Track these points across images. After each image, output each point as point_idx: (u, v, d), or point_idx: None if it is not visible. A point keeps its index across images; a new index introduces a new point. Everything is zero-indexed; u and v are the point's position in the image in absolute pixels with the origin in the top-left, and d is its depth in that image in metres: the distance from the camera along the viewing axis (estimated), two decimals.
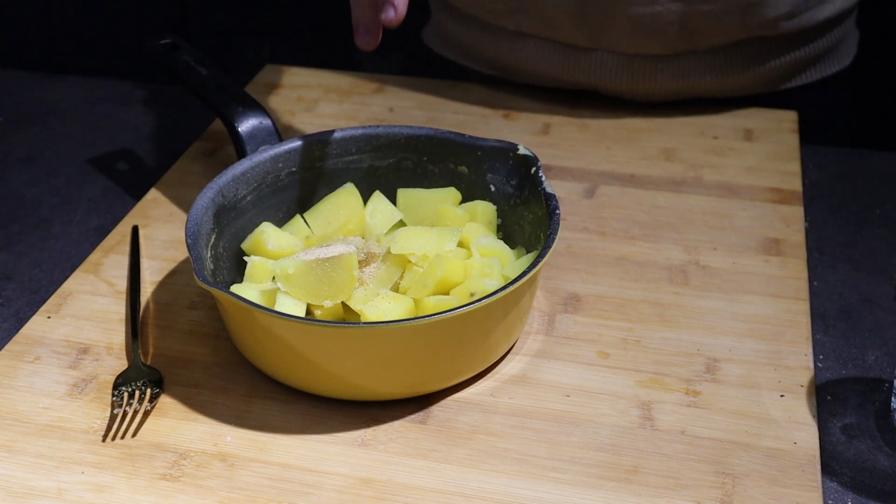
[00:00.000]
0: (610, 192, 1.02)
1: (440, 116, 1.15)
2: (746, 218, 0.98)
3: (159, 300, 0.89)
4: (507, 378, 0.80)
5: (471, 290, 0.79)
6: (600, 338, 0.84)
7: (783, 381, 0.80)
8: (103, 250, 0.94)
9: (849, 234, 0.99)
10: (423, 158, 0.91)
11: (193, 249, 0.78)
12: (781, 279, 0.90)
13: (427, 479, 0.72)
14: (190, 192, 1.02)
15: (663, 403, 0.78)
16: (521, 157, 0.87)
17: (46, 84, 1.29)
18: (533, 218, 0.85)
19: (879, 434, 0.77)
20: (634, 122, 1.13)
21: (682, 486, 0.71)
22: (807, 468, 0.73)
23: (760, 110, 1.15)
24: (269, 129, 0.91)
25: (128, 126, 1.20)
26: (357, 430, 0.76)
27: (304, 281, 0.78)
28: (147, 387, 0.79)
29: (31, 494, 0.71)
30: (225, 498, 0.71)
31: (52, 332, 0.85)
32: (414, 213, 0.90)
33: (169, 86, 1.26)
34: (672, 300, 0.88)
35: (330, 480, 0.72)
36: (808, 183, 1.06)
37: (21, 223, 1.03)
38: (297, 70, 1.25)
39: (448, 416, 0.77)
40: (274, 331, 0.75)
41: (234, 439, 0.75)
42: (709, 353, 0.83)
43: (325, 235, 0.88)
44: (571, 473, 0.73)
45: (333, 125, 1.14)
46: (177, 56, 0.98)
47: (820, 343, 0.86)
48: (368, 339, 0.74)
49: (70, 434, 0.76)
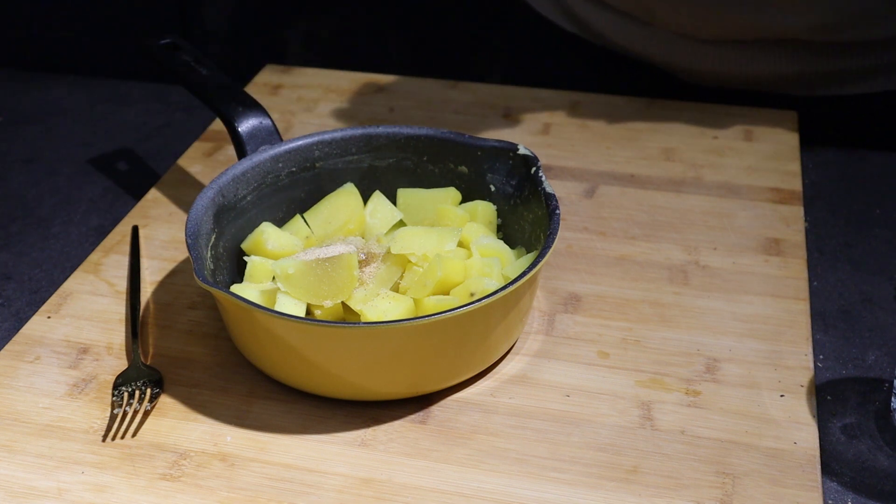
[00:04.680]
0: (610, 192, 1.02)
1: (440, 116, 1.15)
2: (746, 218, 0.98)
3: (159, 300, 0.89)
4: (507, 378, 0.80)
5: (471, 290, 0.79)
6: (600, 338, 0.84)
7: (783, 381, 0.80)
8: (103, 250, 0.94)
9: (849, 234, 0.99)
10: (423, 158, 0.91)
11: (193, 249, 0.78)
12: (781, 279, 0.90)
13: (427, 479, 0.72)
14: (190, 192, 1.02)
15: (663, 403, 0.78)
16: (521, 157, 0.87)
17: (46, 84, 1.29)
18: (533, 218, 0.85)
19: (879, 434, 0.77)
20: (634, 122, 1.13)
21: (682, 486, 0.71)
22: (807, 468, 0.73)
23: (760, 110, 1.15)
24: (269, 129, 0.91)
25: (128, 126, 1.20)
26: (357, 430, 0.76)
27: (304, 281, 0.78)
28: (147, 387, 0.79)
29: (31, 494, 0.71)
30: (225, 498, 0.71)
31: (52, 332, 0.85)
32: (414, 213, 0.90)
33: (169, 86, 1.26)
34: (672, 300, 0.88)
35: (330, 480, 0.72)
36: (808, 183, 1.05)
37: (21, 223, 1.03)
38: (297, 70, 1.25)
39: (448, 416, 0.77)
40: (274, 331, 0.75)
41: (234, 439, 0.75)
42: (709, 353, 0.83)
43: (325, 235, 0.88)
44: (571, 473, 0.73)
45: (333, 125, 1.14)
46: (177, 56, 0.98)
47: (820, 343, 0.86)
48: (368, 339, 0.74)
49: (70, 434, 0.76)
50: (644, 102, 1.16)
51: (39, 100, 1.25)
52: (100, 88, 1.27)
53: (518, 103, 1.17)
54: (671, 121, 1.13)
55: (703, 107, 1.15)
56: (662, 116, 1.14)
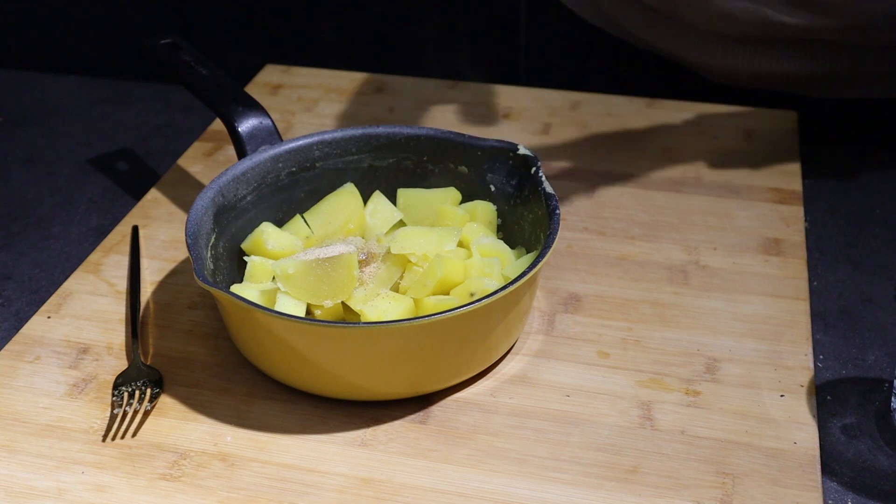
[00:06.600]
0: (610, 192, 1.02)
1: (440, 116, 1.15)
2: (746, 218, 0.98)
3: (159, 300, 0.89)
4: (507, 378, 0.80)
5: (471, 290, 0.79)
6: (600, 338, 0.84)
7: (783, 381, 0.80)
8: (103, 250, 0.94)
9: (849, 234, 0.99)
10: (423, 158, 0.91)
11: (193, 249, 0.78)
12: (781, 279, 0.90)
13: (427, 479, 0.72)
14: (190, 192, 1.03)
15: (663, 403, 0.78)
16: (521, 157, 0.87)
17: (46, 84, 1.29)
18: (533, 218, 0.85)
19: (879, 434, 0.77)
20: (634, 122, 1.13)
21: (682, 486, 0.71)
22: (807, 468, 0.73)
23: (760, 110, 1.15)
24: (269, 129, 0.91)
25: (128, 126, 1.20)
26: (357, 430, 0.76)
27: (304, 281, 0.78)
28: (147, 387, 0.79)
29: (31, 494, 0.71)
30: (225, 498, 0.71)
31: (52, 332, 0.85)
32: (414, 213, 0.90)
33: (169, 86, 1.26)
34: (672, 300, 0.88)
35: (330, 480, 0.72)
36: (808, 183, 1.05)
37: (21, 223, 1.03)
38: (297, 70, 1.25)
39: (448, 416, 0.77)
40: (274, 331, 0.75)
41: (234, 439, 0.75)
42: (709, 353, 0.83)
43: (325, 235, 0.88)
44: (571, 473, 0.73)
45: (333, 125, 1.14)
46: (177, 56, 0.98)
47: (820, 343, 0.86)
48: (368, 339, 0.74)
49: (70, 434, 0.76)
50: (644, 102, 1.16)
51: (39, 100, 1.25)
52: (100, 88, 1.27)
53: (518, 103, 1.17)
54: (671, 121, 1.13)
55: (703, 107, 1.15)
56: (662, 116, 1.14)
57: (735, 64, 1.12)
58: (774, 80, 1.12)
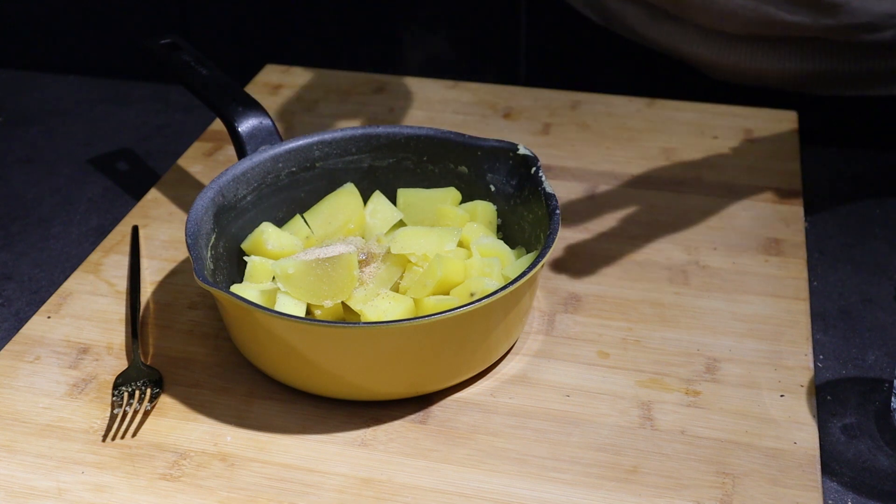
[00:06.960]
0: (610, 192, 1.02)
1: (440, 116, 1.15)
2: (746, 218, 0.98)
3: (159, 300, 0.89)
4: (507, 378, 0.80)
5: (471, 290, 0.79)
6: (600, 338, 0.84)
7: (783, 381, 0.80)
8: (103, 250, 0.94)
9: (849, 234, 0.99)
10: (423, 158, 0.91)
11: (193, 249, 0.78)
12: (781, 279, 0.90)
13: (427, 479, 0.72)
14: (190, 192, 1.03)
15: (663, 403, 0.78)
16: (521, 157, 0.87)
17: (46, 84, 1.29)
18: (533, 218, 0.85)
19: (879, 434, 0.77)
20: (634, 122, 1.13)
21: (682, 486, 0.71)
22: (807, 468, 0.73)
23: (760, 110, 1.15)
24: (269, 129, 0.91)
25: (128, 126, 1.20)
26: (357, 430, 0.76)
27: (304, 281, 0.78)
28: (147, 387, 0.79)
29: (31, 494, 0.71)
30: (225, 498, 0.71)
31: (52, 332, 0.85)
32: (414, 213, 0.90)
33: (169, 86, 1.26)
34: (672, 300, 0.88)
35: (330, 480, 0.72)
36: (808, 183, 1.05)
37: (21, 223, 1.03)
38: (297, 70, 1.25)
39: (448, 416, 0.77)
40: (274, 331, 0.75)
41: (234, 439, 0.75)
42: (709, 353, 0.83)
43: (325, 235, 0.88)
44: (571, 473, 0.73)
45: (333, 125, 1.14)
46: (177, 56, 0.98)
47: (820, 343, 0.86)
48: (368, 339, 0.74)
49: (70, 434, 0.76)
50: (644, 102, 1.16)
51: (39, 100, 1.25)
52: (100, 88, 1.27)
53: (518, 103, 1.17)
54: (671, 121, 1.13)
55: (703, 107, 1.15)
56: (662, 116, 1.14)
57: (736, 61, 1.12)
58: (775, 78, 1.12)
